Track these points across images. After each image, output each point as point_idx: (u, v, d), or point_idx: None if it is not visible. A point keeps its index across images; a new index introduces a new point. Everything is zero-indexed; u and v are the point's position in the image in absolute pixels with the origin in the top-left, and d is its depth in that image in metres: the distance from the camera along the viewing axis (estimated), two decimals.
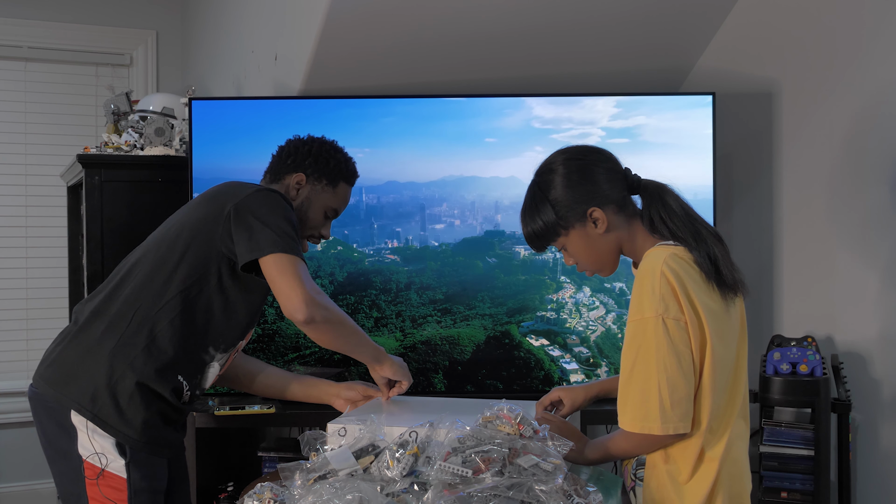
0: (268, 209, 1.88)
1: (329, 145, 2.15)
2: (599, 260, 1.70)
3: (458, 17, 2.70)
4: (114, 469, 1.80)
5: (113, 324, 1.86)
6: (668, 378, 1.54)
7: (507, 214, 2.77)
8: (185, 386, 1.91)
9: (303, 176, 2.09)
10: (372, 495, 1.35)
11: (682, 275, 1.57)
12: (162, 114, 3.17)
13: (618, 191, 1.67)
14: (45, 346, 1.99)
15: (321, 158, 2.11)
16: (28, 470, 4.06)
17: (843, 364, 2.53)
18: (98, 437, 1.80)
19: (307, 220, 2.10)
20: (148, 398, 1.84)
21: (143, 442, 1.82)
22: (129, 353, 1.84)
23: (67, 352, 1.88)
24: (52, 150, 4.09)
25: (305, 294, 1.81)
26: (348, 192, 2.17)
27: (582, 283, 2.78)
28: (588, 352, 2.76)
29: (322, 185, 2.10)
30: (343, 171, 2.14)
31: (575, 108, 2.75)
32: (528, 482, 1.35)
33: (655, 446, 1.62)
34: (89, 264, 2.91)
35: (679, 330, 1.55)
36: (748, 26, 2.90)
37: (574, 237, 1.68)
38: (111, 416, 1.80)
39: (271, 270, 1.83)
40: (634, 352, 1.57)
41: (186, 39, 4.35)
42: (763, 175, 2.90)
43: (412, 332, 2.75)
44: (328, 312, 1.86)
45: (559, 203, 1.66)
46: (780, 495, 2.45)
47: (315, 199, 2.10)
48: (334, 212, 2.15)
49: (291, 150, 2.13)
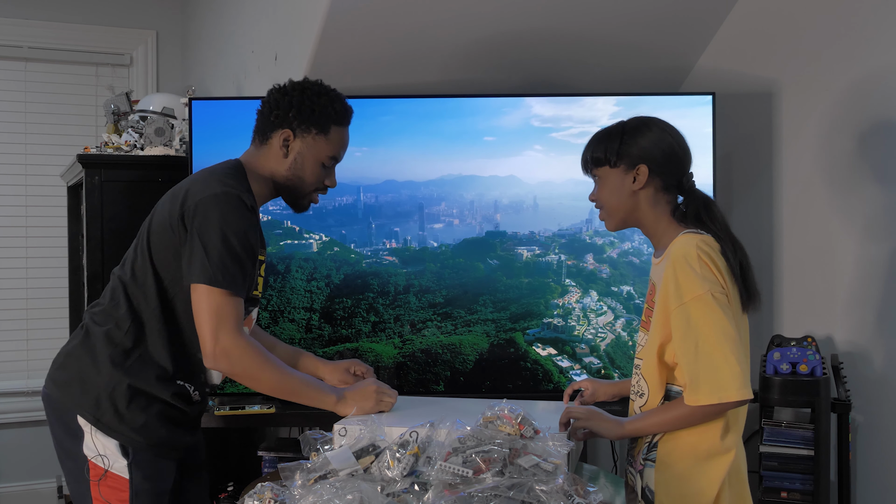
0: (211, 226, 1.76)
1: (311, 89, 1.93)
2: (614, 208, 1.83)
3: (458, 17, 2.70)
4: (116, 470, 1.81)
5: (110, 330, 1.85)
6: (731, 347, 1.65)
7: (506, 214, 2.76)
8: (189, 388, 1.90)
9: (289, 132, 1.91)
10: (372, 495, 1.35)
11: (714, 256, 1.69)
12: (162, 114, 3.17)
13: (672, 177, 1.81)
14: (45, 345, 2.00)
15: (304, 107, 1.90)
16: (28, 470, 4.06)
17: (843, 364, 2.53)
18: (102, 439, 1.81)
19: (304, 176, 1.93)
20: (147, 402, 1.83)
21: (145, 444, 1.82)
22: (125, 360, 1.83)
23: (73, 355, 1.88)
24: (52, 150, 4.09)
25: (212, 343, 1.74)
26: (344, 134, 1.97)
27: (588, 287, 2.76)
28: (599, 362, 2.73)
29: (312, 136, 1.92)
30: (332, 114, 1.92)
31: (575, 106, 2.74)
32: (529, 482, 1.35)
33: (710, 417, 1.70)
34: (89, 264, 2.91)
35: (725, 302, 1.68)
36: (748, 26, 2.90)
37: (611, 176, 1.82)
38: (112, 419, 1.81)
39: (194, 300, 1.77)
40: (694, 332, 1.67)
41: (186, 39, 4.34)
42: (763, 175, 2.90)
43: (411, 338, 2.73)
44: (233, 367, 1.77)
45: (626, 145, 1.80)
46: (780, 495, 2.45)
47: (308, 152, 1.92)
48: (333, 160, 1.96)
49: (273, 104, 1.94)
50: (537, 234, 2.76)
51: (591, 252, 2.76)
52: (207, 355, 1.76)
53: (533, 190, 2.75)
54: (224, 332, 1.74)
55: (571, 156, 2.74)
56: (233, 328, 1.75)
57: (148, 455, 1.83)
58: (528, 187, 2.75)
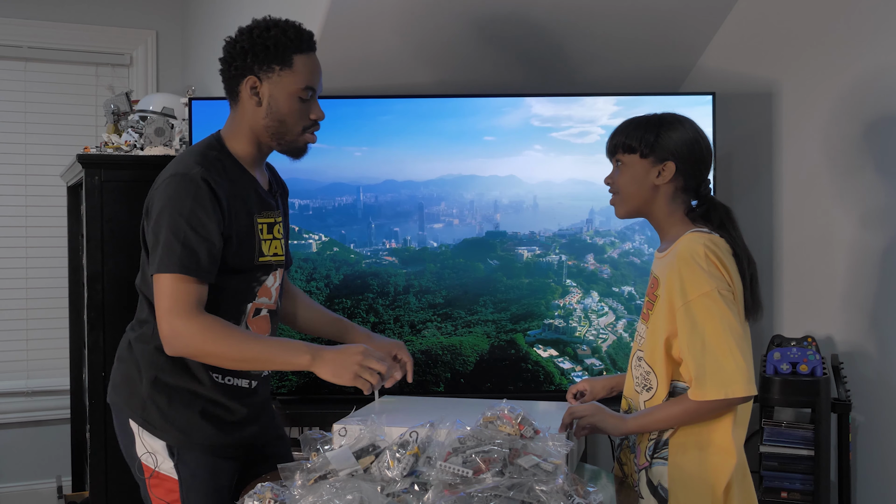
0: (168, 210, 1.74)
1: (259, 27, 1.83)
2: (630, 195, 1.85)
3: (458, 17, 2.70)
4: (164, 470, 1.83)
5: (142, 333, 1.87)
6: (737, 343, 1.67)
7: (506, 214, 2.76)
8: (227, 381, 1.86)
9: (253, 78, 1.81)
10: (372, 495, 1.35)
11: (721, 255, 1.72)
12: (162, 114, 3.16)
13: (693, 180, 1.84)
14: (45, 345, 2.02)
15: (258, 46, 1.80)
16: (28, 470, 4.06)
17: (843, 364, 2.53)
18: (149, 440, 1.84)
19: (284, 117, 1.83)
20: (188, 399, 1.84)
21: (190, 442, 1.83)
22: (159, 359, 1.83)
23: (121, 359, 1.92)
24: (52, 150, 4.08)
25: (165, 328, 1.71)
26: (310, 61, 1.85)
27: (589, 288, 2.75)
28: (601, 364, 2.72)
29: (277, 73, 1.81)
30: (287, 44, 1.81)
31: (575, 106, 2.74)
32: (529, 482, 1.35)
33: (715, 413, 1.72)
34: (89, 264, 2.91)
35: (731, 299, 1.70)
36: (748, 26, 2.90)
37: (636, 164, 1.83)
38: (158, 419, 1.83)
39: (156, 290, 1.74)
40: (700, 328, 1.68)
41: (186, 39, 4.34)
42: (763, 175, 2.90)
43: (411, 338, 2.73)
44: (188, 348, 1.73)
45: (662, 137, 1.82)
46: (780, 495, 2.45)
47: (278, 91, 1.81)
48: (308, 90, 1.84)
49: (228, 57, 1.85)
50: (537, 234, 2.76)
51: (592, 252, 2.76)
52: (163, 341, 1.73)
53: (533, 190, 2.74)
54: (173, 316, 1.69)
55: (571, 155, 2.74)
56: (183, 311, 1.69)
57: (195, 454, 1.83)
58: (528, 187, 2.75)
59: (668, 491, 1.76)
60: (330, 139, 2.71)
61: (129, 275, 2.92)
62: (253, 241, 1.84)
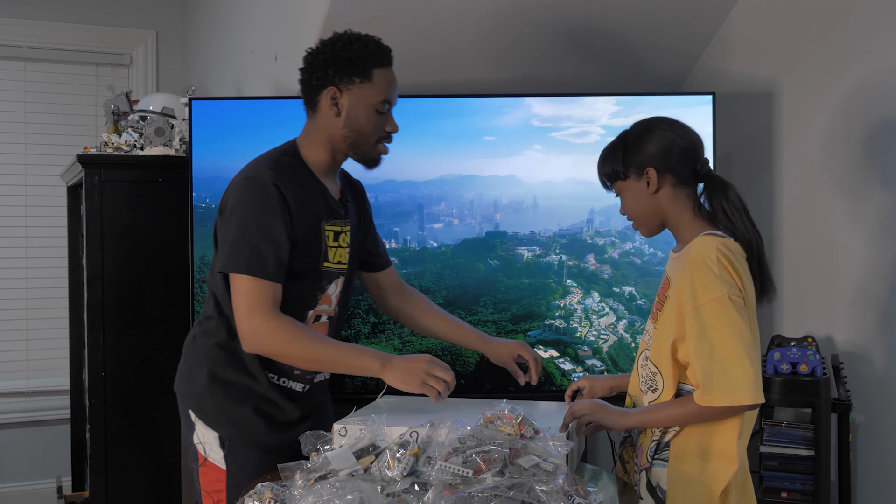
0: (238, 212, 1.82)
1: (342, 40, 1.90)
2: (641, 215, 1.87)
3: (458, 17, 2.70)
4: (214, 460, 1.91)
5: (208, 327, 1.94)
6: (746, 350, 1.66)
7: (506, 214, 2.76)
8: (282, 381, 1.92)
9: (333, 89, 1.88)
10: (372, 495, 1.35)
11: (733, 260, 1.71)
12: (162, 114, 3.17)
13: (684, 169, 1.83)
14: (45, 345, 2.04)
15: (340, 59, 1.87)
16: (28, 470, 4.06)
17: (843, 364, 2.53)
18: (204, 430, 1.92)
19: (361, 128, 1.90)
20: (243, 395, 1.89)
21: (241, 437, 1.89)
22: (219, 353, 1.91)
23: (186, 351, 2.00)
24: (52, 150, 4.09)
25: (245, 327, 1.79)
26: (388, 75, 1.92)
27: (590, 288, 2.75)
28: (602, 364, 2.72)
29: (357, 85, 1.88)
30: (368, 57, 1.88)
31: (575, 105, 2.74)
32: (529, 482, 1.35)
33: (718, 417, 1.71)
34: (89, 264, 2.91)
35: (742, 305, 1.70)
36: (748, 26, 2.90)
37: (629, 187, 1.85)
38: (213, 411, 1.90)
39: (233, 290, 1.82)
40: (710, 333, 1.68)
41: (186, 39, 4.34)
42: (763, 175, 2.90)
43: (411, 338, 2.73)
44: (266, 347, 1.81)
45: (630, 154, 1.83)
46: (781, 495, 2.45)
47: (358, 103, 1.89)
48: (385, 104, 1.92)
49: (309, 67, 1.92)
50: (538, 234, 2.76)
51: (593, 252, 2.76)
52: (243, 340, 1.81)
53: (533, 190, 2.74)
54: (253, 315, 1.77)
55: (571, 155, 2.74)
56: (261, 310, 1.77)
57: (245, 448, 1.89)
58: (527, 187, 2.75)
59: (667, 493, 1.76)
60: None
61: (129, 275, 2.95)
62: (319, 246, 1.91)
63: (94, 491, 2.92)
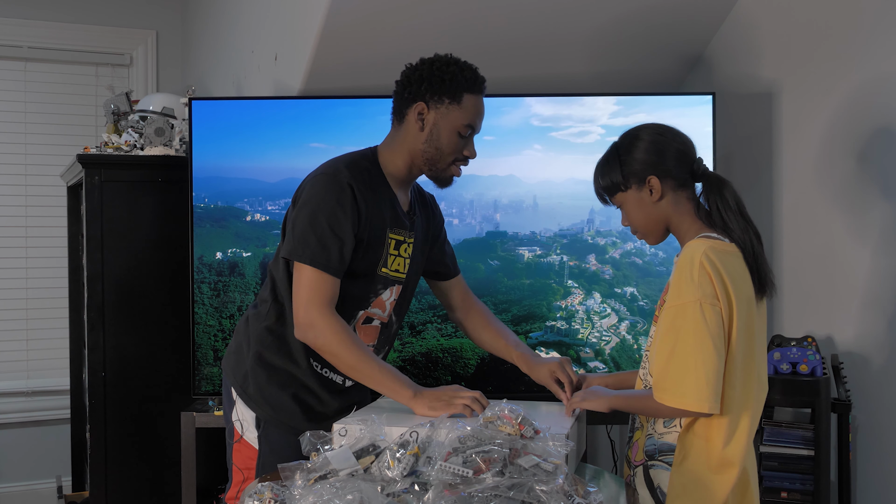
0: (310, 205, 1.88)
1: (440, 61, 1.97)
2: (647, 225, 1.86)
3: (457, 17, 2.70)
4: (249, 439, 1.98)
5: (259, 311, 2.00)
6: (704, 359, 1.66)
7: (506, 214, 2.75)
8: (325, 372, 1.96)
9: (422, 104, 1.94)
10: (372, 495, 1.35)
11: (718, 265, 1.69)
12: (162, 114, 3.17)
13: (681, 171, 1.82)
14: (45, 345, 2.04)
15: (435, 78, 1.94)
16: (28, 470, 4.06)
17: (843, 364, 2.53)
18: (243, 409, 1.98)
19: (441, 147, 1.96)
20: (286, 380, 1.95)
21: (277, 420, 1.94)
22: (268, 337, 1.96)
23: (237, 331, 2.06)
24: (52, 150, 4.09)
25: (302, 314, 1.84)
26: (478, 102, 1.99)
27: (591, 289, 2.74)
28: (604, 367, 2.71)
29: (445, 105, 1.94)
30: (462, 82, 1.94)
31: (574, 105, 2.74)
32: (529, 482, 1.35)
33: (677, 416, 1.74)
34: (89, 264, 2.91)
35: (714, 314, 1.68)
36: (748, 26, 2.90)
37: (631, 198, 1.84)
38: (255, 392, 1.96)
39: (295, 278, 1.88)
40: (675, 334, 1.70)
41: (186, 39, 4.35)
42: (763, 175, 2.90)
43: (410, 340, 2.72)
44: (317, 339, 1.85)
45: (626, 165, 1.82)
46: (780, 495, 2.45)
47: (443, 122, 1.94)
48: (469, 128, 1.97)
49: (405, 81, 1.99)
50: (538, 234, 2.76)
51: (594, 252, 2.75)
52: (297, 326, 1.86)
53: (533, 189, 2.74)
54: (312, 307, 1.83)
55: (571, 155, 2.74)
56: (319, 304, 1.83)
57: (280, 431, 1.93)
58: (527, 187, 2.74)
59: (667, 496, 1.75)
60: (330, 139, 2.71)
61: (129, 275, 2.95)
62: (381, 250, 1.96)
63: (94, 491, 2.92)
